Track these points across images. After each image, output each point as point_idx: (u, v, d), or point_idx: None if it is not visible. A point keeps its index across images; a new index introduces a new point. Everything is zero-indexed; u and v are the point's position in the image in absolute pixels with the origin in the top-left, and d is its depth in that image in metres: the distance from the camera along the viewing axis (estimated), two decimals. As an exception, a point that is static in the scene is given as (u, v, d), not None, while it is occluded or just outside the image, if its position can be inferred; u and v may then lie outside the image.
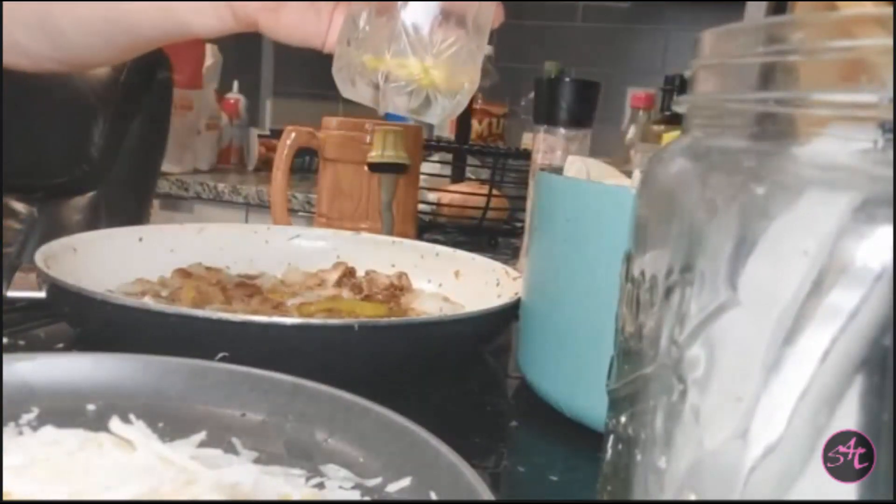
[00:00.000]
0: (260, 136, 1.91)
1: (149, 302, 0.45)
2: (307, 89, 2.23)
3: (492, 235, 0.96)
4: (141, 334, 0.38)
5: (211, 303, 0.50)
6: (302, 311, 0.50)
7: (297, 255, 0.63)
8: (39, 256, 0.43)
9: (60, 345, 0.42)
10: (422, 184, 0.88)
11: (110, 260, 0.53)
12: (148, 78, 1.37)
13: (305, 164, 1.76)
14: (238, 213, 1.53)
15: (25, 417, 0.28)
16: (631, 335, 0.21)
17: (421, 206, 0.90)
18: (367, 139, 0.73)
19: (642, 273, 0.20)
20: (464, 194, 0.94)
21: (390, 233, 0.72)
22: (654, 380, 0.19)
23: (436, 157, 1.06)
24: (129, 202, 1.37)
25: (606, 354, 0.23)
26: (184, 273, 0.54)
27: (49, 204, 1.37)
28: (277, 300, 0.52)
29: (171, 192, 1.58)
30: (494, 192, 0.94)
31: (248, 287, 0.53)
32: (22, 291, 0.42)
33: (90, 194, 1.41)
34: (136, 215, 1.35)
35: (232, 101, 1.95)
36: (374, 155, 0.72)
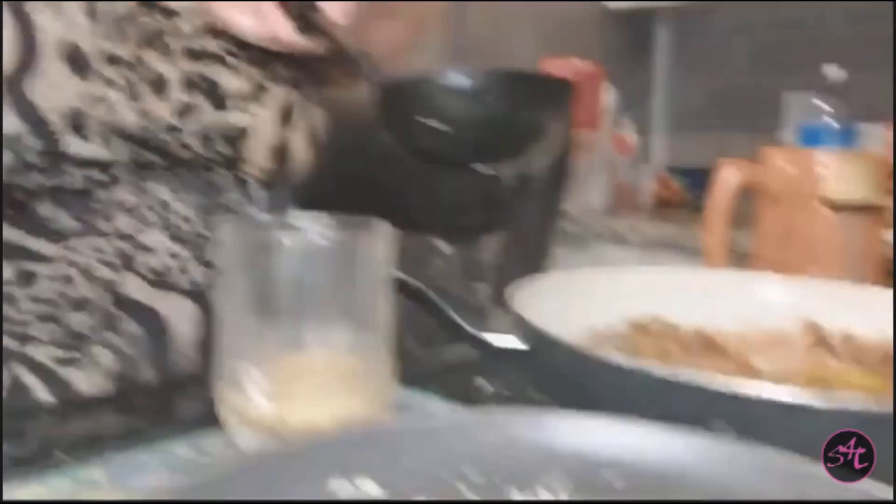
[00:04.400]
0: (653, 174, 1.87)
1: (653, 366, 0.42)
2: (704, 121, 2.14)
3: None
4: (628, 396, 0.35)
5: (673, 360, 0.46)
6: (779, 377, 0.44)
7: (750, 307, 0.56)
8: (515, 301, 0.43)
9: (534, 392, 0.41)
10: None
11: (560, 305, 0.53)
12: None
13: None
14: (637, 253, 1.50)
15: (544, 482, 0.27)
16: None
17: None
18: (823, 173, 0.64)
19: None
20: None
21: (852, 281, 0.61)
22: None
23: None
24: (535, 242, 1.44)
25: None
26: (640, 327, 0.52)
27: (465, 243, 1.50)
28: (747, 363, 0.46)
29: (568, 230, 1.62)
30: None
31: (711, 346, 0.48)
32: (501, 337, 0.42)
33: (500, 234, 1.51)
34: (540, 254, 1.41)
35: (624, 138, 1.95)
36: (835, 191, 0.62)
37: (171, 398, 0.45)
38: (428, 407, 0.42)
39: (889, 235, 0.83)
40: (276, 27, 0.47)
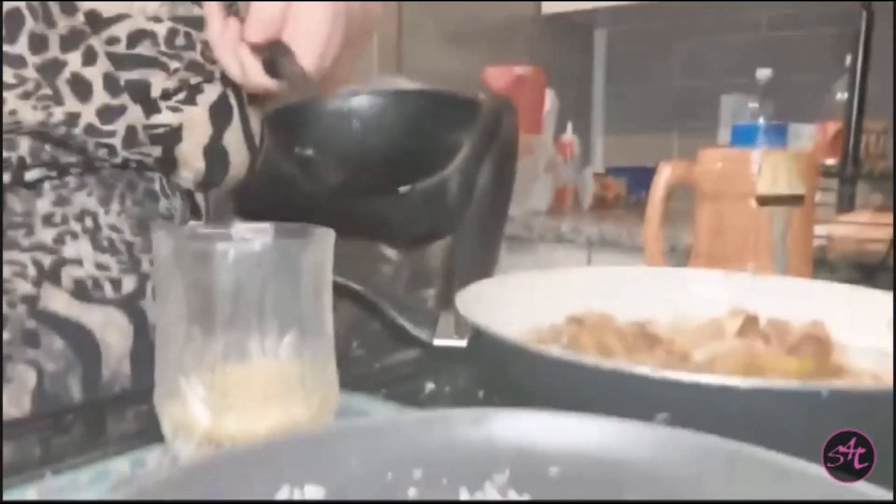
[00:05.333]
0: (595, 175, 1.91)
1: (586, 356, 0.43)
2: (643, 123, 2.19)
3: (897, 274, 0.81)
4: (567, 389, 0.36)
5: (611, 353, 0.47)
6: (714, 365, 0.45)
7: (685, 301, 0.58)
8: (461, 303, 0.43)
9: (481, 393, 0.42)
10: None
11: (506, 306, 0.53)
12: (496, 125, 1.44)
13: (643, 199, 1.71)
14: (580, 253, 1.52)
15: (491, 478, 0.27)
16: None
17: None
18: (755, 170, 0.66)
19: None
20: (861, 226, 0.81)
21: (783, 274, 0.63)
22: None
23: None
24: (480, 245, 1.45)
25: None
26: (577, 320, 0.53)
27: (412, 249, 1.49)
28: (682, 352, 0.48)
29: (513, 233, 1.63)
30: (898, 221, 0.79)
31: (648, 337, 0.49)
32: (445, 339, 0.42)
33: (446, 239, 1.51)
34: (487, 258, 1.42)
35: (566, 142, 1.98)
36: (765, 186, 0.64)
37: (105, 413, 0.44)
38: (374, 411, 0.42)
39: (818, 229, 0.86)
40: (248, 69, 0.51)
